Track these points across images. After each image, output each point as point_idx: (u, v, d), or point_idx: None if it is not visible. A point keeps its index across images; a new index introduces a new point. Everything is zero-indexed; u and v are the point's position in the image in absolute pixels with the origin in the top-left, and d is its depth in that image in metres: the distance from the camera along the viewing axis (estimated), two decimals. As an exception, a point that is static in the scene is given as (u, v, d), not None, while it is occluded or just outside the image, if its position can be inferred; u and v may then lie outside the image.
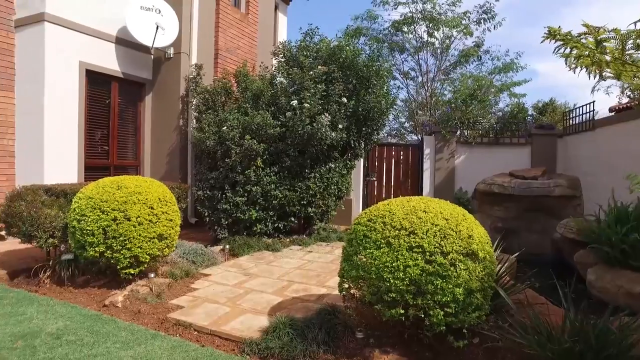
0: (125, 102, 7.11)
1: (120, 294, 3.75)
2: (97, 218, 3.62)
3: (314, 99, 5.68)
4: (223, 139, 5.64)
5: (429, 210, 2.61)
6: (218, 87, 6.39)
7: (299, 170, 5.98)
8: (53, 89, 5.94)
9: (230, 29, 8.09)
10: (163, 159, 7.18)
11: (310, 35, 6.87)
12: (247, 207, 5.76)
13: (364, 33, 13.24)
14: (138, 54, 7.13)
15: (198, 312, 3.47)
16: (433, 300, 2.36)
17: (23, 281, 4.27)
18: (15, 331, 3.02)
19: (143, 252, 3.77)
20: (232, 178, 5.73)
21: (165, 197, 4.05)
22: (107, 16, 6.65)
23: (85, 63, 6.36)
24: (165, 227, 3.92)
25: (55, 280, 4.18)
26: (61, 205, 4.29)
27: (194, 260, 4.91)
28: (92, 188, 3.82)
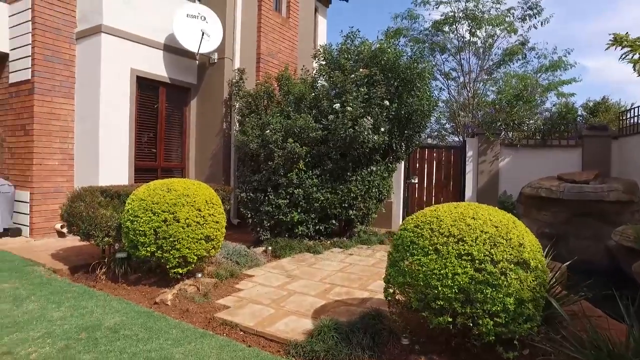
0: (172, 106, 7.39)
1: (169, 292, 3.90)
2: (149, 219, 3.80)
3: (355, 102, 5.69)
4: (266, 142, 5.75)
5: (478, 217, 2.56)
6: (260, 91, 6.52)
7: (340, 173, 6.01)
8: (107, 95, 6.26)
9: (272, 34, 8.23)
10: (207, 161, 7.41)
11: (351, 38, 6.88)
12: (289, 210, 5.84)
13: (404, 34, 13.09)
14: (184, 60, 7.40)
15: (243, 312, 3.56)
16: (482, 310, 2.31)
17: (82, 276, 4.54)
18: (80, 323, 3.22)
19: (191, 253, 3.91)
20: (275, 180, 5.83)
21: (212, 199, 4.18)
22: (156, 25, 6.94)
23: (136, 70, 6.66)
24: (211, 228, 4.06)
25: (110, 277, 4.42)
26: (115, 206, 4.52)
27: (238, 261, 5.04)
28: (144, 190, 4.00)
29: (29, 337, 2.97)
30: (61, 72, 6.40)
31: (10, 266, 4.73)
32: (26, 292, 3.89)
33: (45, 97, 6.21)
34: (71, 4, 6.54)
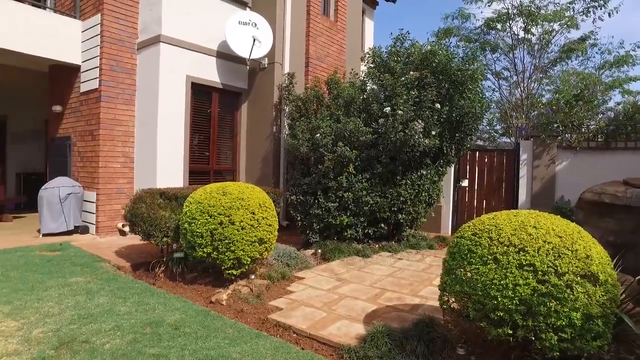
0: (224, 110, 7.64)
1: (224, 292, 4.04)
2: (206, 222, 3.96)
3: (406, 106, 5.64)
4: (316, 146, 5.82)
5: (540, 227, 2.47)
6: (310, 95, 6.60)
7: (390, 177, 5.97)
8: (165, 101, 6.59)
9: (320, 37, 8.31)
10: (257, 164, 7.60)
11: (400, 40, 6.81)
12: (339, 213, 5.88)
13: (455, 33, 12.79)
14: (235, 66, 7.63)
15: (296, 315, 3.63)
16: (546, 323, 2.23)
17: (143, 274, 4.79)
18: (144, 318, 3.42)
19: (245, 255, 4.03)
20: (325, 184, 5.89)
21: (265, 203, 4.29)
22: (209, 33, 7.22)
23: (191, 77, 6.96)
24: (265, 231, 4.16)
25: (168, 275, 4.64)
26: (173, 207, 4.75)
27: (288, 263, 5.13)
28: (201, 193, 4.18)
29: (102, 329, 3.18)
30: (124, 80, 6.81)
31: (82, 261, 5.09)
32: (96, 287, 4.17)
33: (110, 104, 6.63)
34: (134, 17, 6.95)
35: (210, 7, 7.26)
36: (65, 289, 4.09)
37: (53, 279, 4.39)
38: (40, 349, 2.86)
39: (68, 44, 6.97)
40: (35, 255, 5.34)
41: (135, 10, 7.01)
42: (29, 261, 5.01)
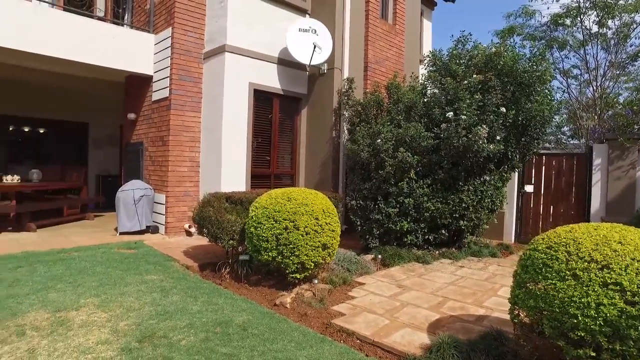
0: (284, 116, 7.84)
1: (287, 295, 4.15)
2: (271, 226, 4.09)
3: (469, 110, 5.49)
4: (377, 151, 5.81)
5: (627, 242, 2.32)
6: (370, 100, 6.60)
7: (452, 183, 5.84)
8: (229, 107, 6.88)
9: (379, 41, 8.28)
10: (316, 169, 7.71)
11: (462, 42, 6.64)
12: (399, 219, 5.83)
13: (518, 32, 12.23)
14: (295, 72, 7.80)
15: (359, 321, 3.66)
16: (637, 349, 2.09)
17: (210, 274, 5.04)
18: (214, 318, 3.59)
19: (309, 260, 4.12)
20: (385, 189, 5.87)
21: (328, 208, 4.36)
22: (270, 41, 7.44)
23: (254, 84, 7.21)
24: (328, 237, 4.23)
25: (233, 276, 4.84)
26: (238, 211, 4.94)
27: (349, 268, 5.17)
28: (266, 199, 4.32)
29: (177, 326, 3.39)
30: (191, 89, 7.20)
31: (154, 260, 5.44)
32: (169, 285, 4.44)
33: (179, 111, 7.03)
34: (201, 29, 7.32)
35: (272, 16, 7.48)
36: (143, 285, 4.39)
37: (131, 275, 4.73)
38: (126, 340, 3.10)
39: (143, 56, 7.49)
40: (115, 252, 5.78)
41: (202, 22, 7.38)
42: (110, 258, 5.44)
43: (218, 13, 7.11)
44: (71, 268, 4.91)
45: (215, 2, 7.22)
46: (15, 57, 6.74)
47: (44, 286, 4.24)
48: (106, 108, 11.47)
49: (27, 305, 3.73)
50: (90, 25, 6.95)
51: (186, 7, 7.16)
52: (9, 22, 6.12)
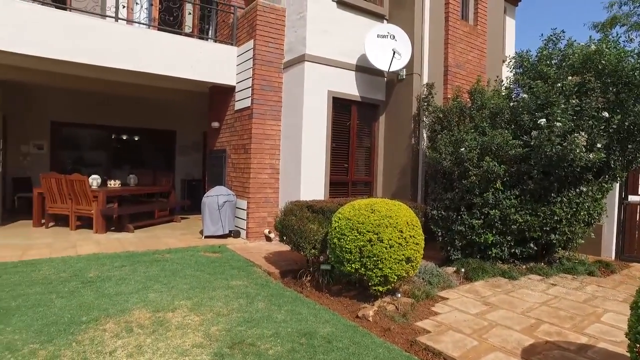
0: (362, 123, 7.82)
1: (370, 308, 4.11)
2: (355, 238, 4.07)
3: (564, 116, 5.07)
4: (460, 160, 5.58)
5: None
6: (453, 107, 6.36)
7: (542, 194, 5.44)
8: (308, 115, 7.00)
9: (459, 44, 7.97)
10: (394, 176, 7.59)
11: (553, 41, 6.16)
12: (483, 230, 5.55)
13: (623, 21, 11.08)
14: (373, 78, 7.75)
15: (445, 340, 3.51)
16: None
17: (291, 281, 5.14)
18: (298, 328, 3.65)
19: (392, 273, 4.04)
20: (469, 200, 5.62)
21: (412, 221, 4.26)
22: (348, 48, 7.46)
23: (332, 91, 7.27)
24: (412, 250, 4.13)
25: (314, 285, 4.89)
26: (320, 220, 4.99)
27: (430, 280, 5.01)
28: (349, 210, 4.32)
29: (264, 334, 3.49)
30: (271, 98, 7.44)
31: (238, 265, 5.68)
32: (254, 292, 4.60)
33: (260, 120, 7.30)
34: (280, 40, 7.55)
35: (349, 24, 7.50)
36: (229, 291, 4.59)
37: (218, 280, 4.97)
38: (218, 345, 3.25)
39: (226, 68, 7.89)
40: (201, 255, 6.12)
41: (282, 33, 7.59)
42: (198, 261, 5.77)
43: (297, 24, 7.28)
44: (165, 270, 5.27)
45: (294, 13, 7.40)
46: (120, 75, 7.47)
47: (144, 286, 4.60)
48: (191, 117, 12.30)
49: (131, 304, 4.06)
50: (181, 42, 7.49)
51: (267, 19, 7.42)
52: (119, 45, 6.80)
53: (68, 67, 7.10)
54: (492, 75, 7.96)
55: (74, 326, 3.50)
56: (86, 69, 7.19)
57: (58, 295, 4.24)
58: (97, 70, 7.21)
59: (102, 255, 5.86)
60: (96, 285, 4.58)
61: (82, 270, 5.11)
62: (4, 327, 3.47)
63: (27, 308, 3.88)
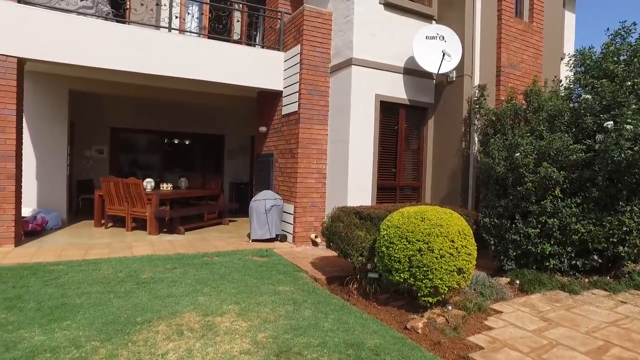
0: (410, 126, 7.65)
1: (419, 320, 3.98)
2: (404, 247, 3.96)
3: (636, 117, 4.68)
4: (515, 166, 5.31)
5: None
6: (507, 109, 6.06)
7: (609, 202, 5.05)
8: (356, 120, 6.94)
9: (513, 43, 7.60)
10: (443, 181, 7.36)
11: (622, 35, 5.71)
12: (540, 240, 5.24)
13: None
14: (422, 81, 7.56)
15: (500, 358, 3.33)
16: None
17: (337, 288, 5.09)
18: (345, 339, 3.59)
19: (442, 284, 3.90)
20: (524, 207, 5.33)
21: (464, 230, 4.09)
22: (395, 51, 7.32)
23: (380, 95, 7.17)
24: (464, 261, 3.96)
25: (360, 293, 4.81)
26: (368, 227, 4.91)
27: (482, 292, 4.79)
28: (398, 218, 4.21)
29: (311, 343, 3.46)
30: (318, 102, 7.44)
31: (284, 270, 5.72)
32: (300, 298, 4.59)
33: (307, 125, 7.33)
34: (327, 44, 7.55)
35: (397, 26, 7.37)
36: (276, 296, 4.61)
37: (265, 285, 5.02)
38: (265, 353, 3.26)
39: (273, 73, 7.99)
40: (249, 259, 6.22)
41: (328, 37, 7.59)
42: (246, 265, 5.86)
43: (344, 27, 7.24)
44: (214, 273, 5.40)
45: (340, 17, 7.37)
46: (173, 82, 7.78)
47: (194, 289, 4.72)
48: (239, 121, 12.60)
49: (182, 306, 4.17)
50: (230, 49, 7.68)
51: (314, 24, 7.44)
52: (173, 54, 7.09)
53: (126, 76, 7.51)
54: (549, 75, 7.53)
55: (129, 326, 3.64)
56: (142, 78, 7.55)
57: (115, 295, 4.44)
58: (152, 78, 7.57)
59: (155, 257, 6.09)
60: (150, 286, 4.75)
61: (137, 271, 5.33)
62: (70, 322, 3.68)
63: (89, 306, 4.09)
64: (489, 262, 6.00)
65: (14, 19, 6.17)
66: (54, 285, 4.69)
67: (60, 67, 7.38)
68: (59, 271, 5.21)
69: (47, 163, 8.74)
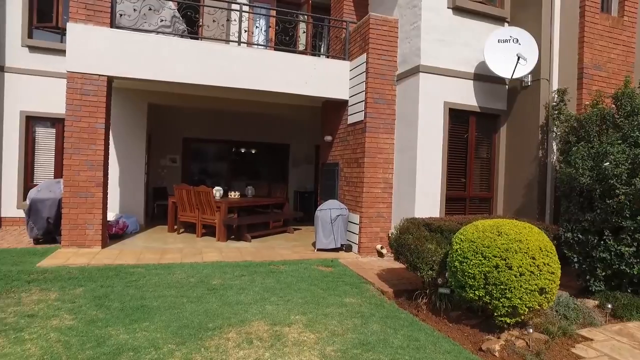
0: (481, 134, 7.29)
1: (495, 341, 3.72)
2: (479, 263, 3.73)
3: None
4: (603, 177, 4.83)
5: None
6: (592, 115, 5.56)
7: None
8: (424, 129, 6.74)
9: (599, 41, 6.99)
10: (517, 192, 6.90)
11: None
12: (637, 260, 4.70)
13: None
14: (493, 87, 7.19)
15: (594, 391, 3.01)
16: None
17: (405, 302, 4.92)
18: (417, 357, 3.43)
19: (522, 304, 3.62)
20: (615, 223, 4.81)
21: (546, 246, 3.78)
22: (465, 56, 7.02)
23: (448, 102, 6.91)
24: (546, 280, 3.65)
25: (430, 308, 4.62)
26: (438, 240, 4.71)
27: (566, 314, 4.39)
28: (472, 231, 3.98)
29: None
30: (385, 111, 7.33)
31: (350, 281, 5.64)
32: (368, 311, 4.49)
33: (373, 134, 7.24)
34: (393, 51, 7.43)
35: (467, 30, 7.07)
36: (343, 308, 4.55)
37: (331, 296, 4.97)
38: (333, 368, 3.21)
39: (339, 82, 8.01)
40: (314, 269, 6.21)
41: (395, 45, 7.46)
42: (311, 275, 5.86)
43: (411, 34, 7.09)
44: (280, 282, 5.45)
45: (407, 24, 7.22)
46: (241, 93, 8.08)
47: (262, 297, 4.79)
48: (304, 130, 12.81)
49: (251, 314, 4.24)
50: (296, 59, 7.84)
51: (379, 32, 7.37)
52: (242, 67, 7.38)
53: (199, 89, 7.91)
54: (640, 74, 6.85)
55: (202, 332, 3.75)
56: (213, 90, 7.92)
57: (188, 299, 4.62)
58: (222, 91, 7.92)
59: (224, 264, 6.28)
60: (219, 293, 4.89)
61: (207, 277, 5.52)
62: (149, 324, 3.87)
63: (165, 309, 4.29)
64: (571, 281, 5.49)
65: (105, 41, 6.75)
66: (134, 287, 4.98)
67: (141, 83, 7.95)
68: (138, 274, 5.54)
69: (128, 171, 9.40)
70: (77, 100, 6.69)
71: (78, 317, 3.97)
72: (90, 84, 6.73)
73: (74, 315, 4.03)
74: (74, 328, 3.71)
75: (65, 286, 4.90)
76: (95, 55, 6.71)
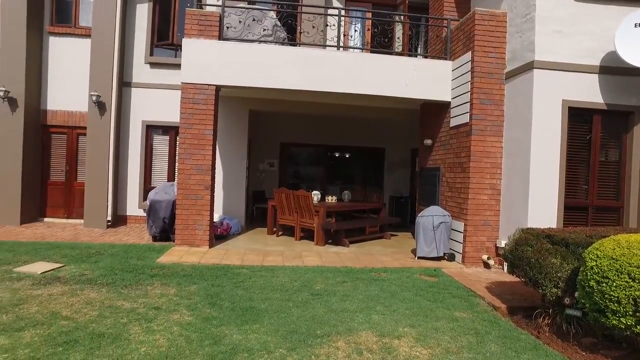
0: (607, 135, 6.43)
1: (645, 376, 3.19)
2: (625, 285, 3.23)
3: None
4: None
5: None
6: None
7: None
8: (538, 130, 6.13)
9: None
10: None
11: None
12: None
13: None
14: (624, 80, 6.29)
15: None
16: None
17: (522, 321, 4.48)
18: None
19: (683, 336, 3.05)
20: None
21: None
22: (589, 47, 6.24)
23: (567, 100, 6.21)
24: None
25: (554, 331, 4.14)
26: (563, 254, 4.21)
27: None
28: (613, 247, 3.47)
29: (505, 388, 3.06)
30: (492, 112, 6.83)
31: (457, 293, 5.31)
32: (482, 329, 4.15)
33: (479, 137, 6.77)
34: (501, 48, 6.90)
35: (590, 17, 6.28)
36: (454, 323, 4.26)
37: (439, 309, 4.70)
38: (452, 391, 2.98)
39: (440, 83, 7.66)
40: (417, 278, 5.96)
41: (503, 40, 6.93)
42: (415, 284, 5.62)
43: (522, 27, 6.51)
44: (384, 290, 5.30)
45: (518, 17, 6.65)
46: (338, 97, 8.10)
47: (366, 306, 4.68)
48: (399, 134, 12.55)
49: (357, 323, 4.15)
50: (393, 61, 7.68)
51: (486, 27, 6.89)
52: (339, 71, 7.41)
53: (298, 94, 8.08)
54: None
55: (310, 338, 3.74)
56: (311, 95, 8.04)
57: (294, 304, 4.67)
58: (319, 95, 7.99)
59: (325, 269, 6.29)
60: (324, 298, 4.88)
61: (310, 282, 5.56)
62: (259, 326, 3.97)
63: (272, 312, 4.37)
64: None
65: (214, 53, 7.23)
66: (242, 287, 5.18)
67: (244, 90, 8.36)
68: (243, 275, 5.77)
69: (231, 175, 9.95)
70: (189, 109, 7.23)
71: (195, 314, 4.20)
72: (201, 93, 7.24)
73: (191, 311, 4.28)
74: (192, 324, 3.93)
75: (182, 282, 5.26)
76: (206, 67, 7.20)
